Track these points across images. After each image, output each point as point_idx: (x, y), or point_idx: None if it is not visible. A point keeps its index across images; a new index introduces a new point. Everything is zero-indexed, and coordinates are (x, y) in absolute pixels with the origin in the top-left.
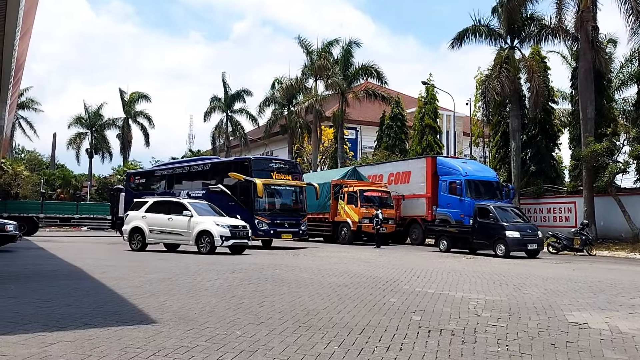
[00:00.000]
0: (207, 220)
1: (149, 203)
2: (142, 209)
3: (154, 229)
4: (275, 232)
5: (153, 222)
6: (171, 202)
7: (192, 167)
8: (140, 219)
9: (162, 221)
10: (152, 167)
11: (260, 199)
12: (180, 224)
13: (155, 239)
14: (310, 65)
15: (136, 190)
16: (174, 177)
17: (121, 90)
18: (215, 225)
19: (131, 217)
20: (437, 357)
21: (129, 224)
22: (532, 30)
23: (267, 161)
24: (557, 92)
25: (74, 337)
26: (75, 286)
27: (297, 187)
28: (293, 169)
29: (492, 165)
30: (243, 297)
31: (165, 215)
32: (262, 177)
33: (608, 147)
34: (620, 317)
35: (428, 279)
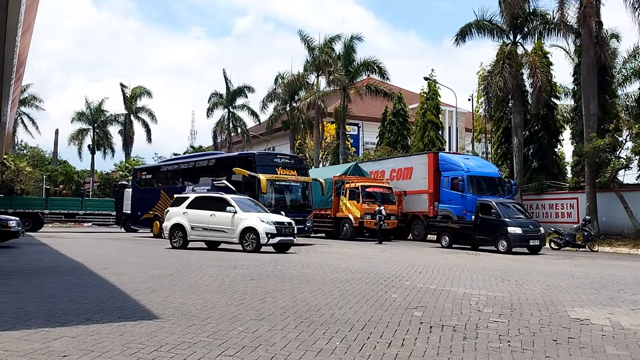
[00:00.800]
0: (251, 216)
1: (190, 199)
2: (183, 204)
3: (196, 226)
4: None
5: (195, 218)
6: (214, 198)
7: (198, 162)
8: (181, 215)
9: (204, 218)
10: (158, 162)
11: (264, 194)
12: (223, 221)
13: (197, 237)
14: (312, 61)
15: (143, 186)
16: (180, 173)
17: (122, 85)
18: (260, 222)
19: (172, 214)
20: (439, 353)
21: (170, 221)
22: (535, 25)
23: (272, 156)
24: (559, 88)
25: (76, 332)
26: (78, 282)
27: (302, 182)
28: (299, 164)
29: (494, 161)
30: (245, 293)
31: (208, 212)
32: (266, 172)
33: (611, 143)
34: (622, 313)
35: (430, 275)
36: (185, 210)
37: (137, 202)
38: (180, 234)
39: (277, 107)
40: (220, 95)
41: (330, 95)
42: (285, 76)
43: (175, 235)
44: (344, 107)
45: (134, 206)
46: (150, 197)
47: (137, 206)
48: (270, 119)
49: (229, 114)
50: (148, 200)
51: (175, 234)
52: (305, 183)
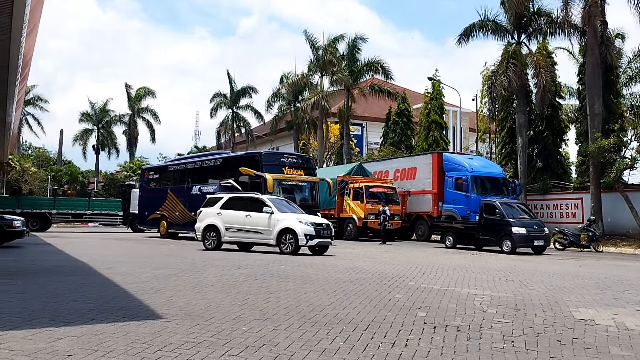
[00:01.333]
0: (289, 217)
1: (224, 199)
2: (216, 205)
3: (231, 227)
4: None
5: (229, 219)
6: (249, 198)
7: (204, 162)
8: (214, 216)
9: (239, 218)
10: (165, 162)
11: (270, 194)
12: (259, 222)
13: (232, 238)
14: (316, 61)
15: (150, 186)
16: (187, 172)
17: (127, 85)
18: (299, 223)
19: (205, 214)
20: (443, 353)
21: (203, 222)
22: (540, 25)
23: (279, 155)
24: (564, 88)
25: (80, 332)
26: (82, 282)
27: (309, 182)
28: (306, 163)
29: (499, 161)
30: (249, 293)
31: (243, 212)
32: (273, 172)
33: (615, 143)
34: (627, 314)
35: (434, 275)
36: (219, 210)
37: (144, 202)
38: (213, 235)
39: (282, 107)
40: (224, 95)
41: (334, 95)
42: (290, 76)
43: (208, 236)
44: (348, 107)
45: (141, 206)
46: (158, 197)
47: (145, 206)
48: (274, 119)
49: (232, 114)
50: (155, 200)
51: (208, 235)
52: (313, 183)
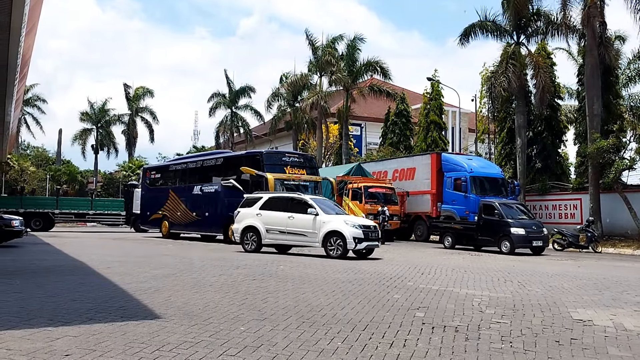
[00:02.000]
0: (335, 219)
1: (263, 199)
2: (255, 205)
3: (272, 229)
4: None
5: (270, 220)
6: (290, 199)
7: (205, 161)
8: (254, 217)
9: (281, 220)
10: (167, 161)
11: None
12: (303, 224)
13: (273, 240)
14: (315, 61)
15: (152, 185)
16: (188, 172)
17: (126, 85)
18: (346, 225)
19: (243, 215)
20: (441, 354)
21: (241, 223)
22: (539, 26)
23: (281, 155)
24: (563, 89)
25: (78, 332)
26: (81, 281)
27: (311, 182)
28: (308, 163)
29: (498, 161)
30: (247, 293)
31: (285, 213)
32: (274, 171)
33: (614, 143)
34: (626, 315)
35: (432, 276)
36: (259, 211)
37: (146, 202)
38: (253, 237)
39: (281, 107)
40: (223, 95)
41: (333, 95)
42: (289, 76)
43: (247, 238)
44: (347, 108)
45: (143, 206)
46: (159, 197)
47: (146, 206)
48: (273, 119)
49: (231, 114)
50: (157, 200)
51: (248, 236)
52: (315, 182)
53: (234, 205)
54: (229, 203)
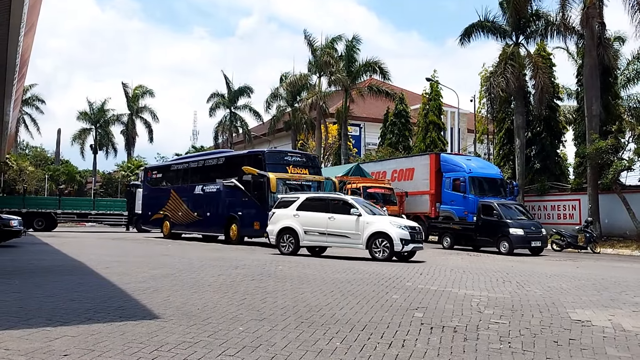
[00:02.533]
0: (379, 220)
1: (300, 200)
2: (291, 206)
3: (311, 230)
4: None
5: (309, 221)
6: (330, 199)
7: (207, 161)
8: (291, 218)
9: (321, 221)
10: (168, 161)
11: (274, 194)
12: (346, 225)
13: (312, 242)
14: (314, 61)
15: (153, 185)
16: (189, 172)
17: (124, 84)
18: (392, 226)
19: (279, 216)
20: (439, 354)
21: (276, 224)
22: (538, 26)
23: (283, 154)
24: (562, 89)
25: (77, 332)
26: (79, 281)
27: (314, 182)
28: (310, 162)
29: (497, 162)
30: (246, 293)
31: (325, 214)
32: (277, 171)
33: (613, 144)
34: (624, 315)
35: (431, 276)
36: (296, 212)
37: (147, 202)
38: (290, 239)
39: (280, 108)
40: (222, 95)
41: (332, 95)
42: (289, 77)
43: (284, 240)
44: (346, 108)
45: (144, 206)
46: (160, 197)
47: (148, 206)
48: (272, 119)
49: (230, 114)
50: (158, 199)
51: (284, 238)
52: (318, 182)
53: (236, 205)
54: (231, 203)
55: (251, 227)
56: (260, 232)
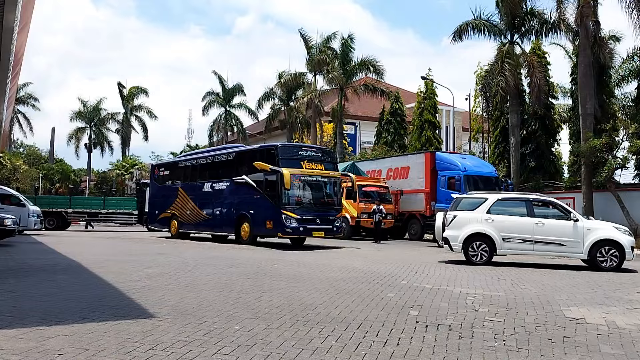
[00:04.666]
0: (602, 225)
1: (490, 201)
2: (479, 208)
3: (511, 237)
4: (305, 229)
5: (508, 227)
6: (531, 201)
7: (216, 157)
8: (481, 222)
9: (525, 226)
10: (176, 157)
11: (288, 191)
12: (560, 231)
13: (512, 250)
14: (309, 60)
15: (161, 183)
16: (198, 168)
17: (120, 84)
18: (620, 232)
19: (463, 220)
20: (434, 352)
21: (462, 229)
22: (533, 25)
23: (297, 148)
24: (557, 88)
25: (72, 331)
26: (74, 280)
27: (330, 177)
28: (326, 157)
29: (492, 160)
30: (241, 291)
31: (530, 219)
32: (290, 166)
33: (607, 142)
34: (618, 313)
35: (426, 274)
36: (489, 216)
37: (154, 201)
38: (483, 247)
39: (275, 106)
40: (217, 94)
41: (327, 94)
42: (283, 75)
43: (475, 247)
44: (341, 107)
45: (151, 205)
46: (168, 195)
47: (155, 205)
48: (267, 118)
49: (225, 113)
50: (166, 198)
51: (475, 246)
52: (334, 178)
53: (247, 204)
54: (241, 201)
55: (263, 226)
56: (273, 231)
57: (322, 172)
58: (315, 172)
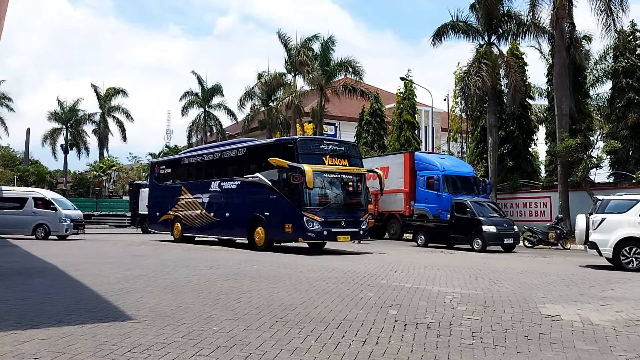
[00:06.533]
0: None
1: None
2: (630, 211)
3: None
4: (330, 232)
5: None
6: None
7: (224, 152)
8: (636, 225)
9: None
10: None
11: (310, 190)
12: None
13: None
14: (289, 60)
15: (161, 182)
16: (204, 166)
17: (94, 86)
18: None
19: (614, 223)
20: (413, 350)
21: (612, 233)
22: (510, 26)
23: (318, 142)
24: (534, 89)
25: (47, 334)
26: (50, 283)
27: (355, 174)
28: (350, 151)
29: (471, 160)
30: (220, 293)
31: None
32: (312, 162)
33: (582, 142)
34: (592, 309)
35: (405, 274)
36: None
37: (154, 201)
38: (637, 251)
39: (254, 107)
40: (196, 94)
41: (307, 94)
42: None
43: (627, 253)
44: (321, 107)
45: (151, 206)
46: (170, 195)
47: (155, 206)
48: (247, 118)
49: (204, 113)
50: (168, 198)
51: (627, 251)
52: (359, 175)
53: (261, 204)
54: (254, 201)
55: (281, 229)
56: (293, 235)
57: (347, 169)
58: (340, 168)
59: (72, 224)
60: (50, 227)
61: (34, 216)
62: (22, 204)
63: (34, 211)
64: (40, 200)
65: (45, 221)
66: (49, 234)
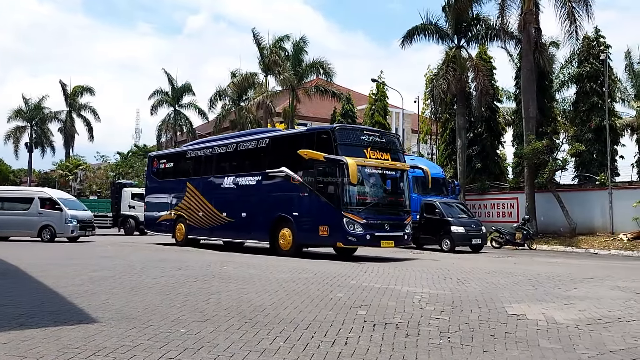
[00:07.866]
0: None
1: None
2: None
3: None
4: (373, 237)
5: None
6: None
7: (241, 144)
8: None
9: None
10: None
11: (352, 188)
12: None
13: None
14: (261, 60)
15: (161, 177)
16: (214, 159)
17: (62, 83)
18: None
19: None
20: (381, 350)
21: None
22: (479, 30)
23: (359, 132)
24: (502, 92)
25: (8, 338)
26: (11, 285)
27: (398, 170)
28: (391, 144)
29: (441, 161)
30: (188, 294)
31: None
32: (352, 154)
33: (548, 145)
34: (556, 308)
35: (375, 274)
36: None
37: (153, 199)
38: None
39: (225, 106)
40: (166, 93)
41: (279, 95)
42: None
43: None
44: (293, 107)
45: (149, 204)
46: (172, 193)
47: (154, 204)
48: (217, 118)
49: (174, 112)
50: (169, 196)
51: None
52: (402, 171)
53: (289, 203)
54: (280, 200)
55: (314, 232)
56: (330, 239)
57: (390, 164)
58: (382, 162)
59: (78, 225)
60: (55, 229)
61: (39, 217)
62: (27, 205)
63: (40, 212)
64: (47, 200)
65: (50, 222)
66: (55, 236)
